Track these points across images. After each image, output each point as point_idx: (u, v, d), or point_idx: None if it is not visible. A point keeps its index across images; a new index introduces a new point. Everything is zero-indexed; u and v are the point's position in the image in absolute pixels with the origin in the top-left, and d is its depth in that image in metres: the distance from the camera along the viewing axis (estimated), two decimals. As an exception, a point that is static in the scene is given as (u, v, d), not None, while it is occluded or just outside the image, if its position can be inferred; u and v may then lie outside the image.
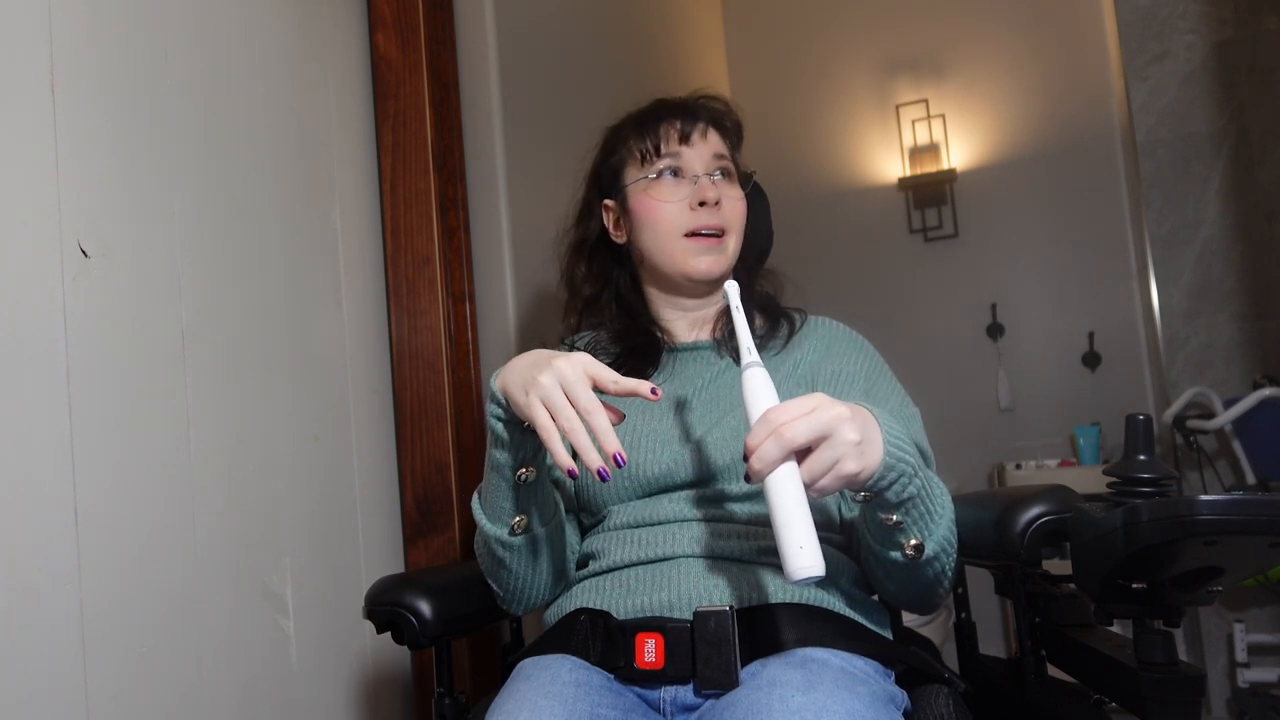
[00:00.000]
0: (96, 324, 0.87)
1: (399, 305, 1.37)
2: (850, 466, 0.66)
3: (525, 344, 1.47)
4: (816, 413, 0.66)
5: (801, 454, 0.67)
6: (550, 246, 1.14)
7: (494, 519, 0.85)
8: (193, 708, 0.94)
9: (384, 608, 0.90)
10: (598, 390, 0.74)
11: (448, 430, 1.33)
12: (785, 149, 3.21)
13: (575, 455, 0.73)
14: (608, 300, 1.07)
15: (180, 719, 0.93)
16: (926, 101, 3.07)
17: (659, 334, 1.04)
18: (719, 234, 0.98)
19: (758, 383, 0.72)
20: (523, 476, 0.81)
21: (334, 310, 1.26)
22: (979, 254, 3.00)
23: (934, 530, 0.75)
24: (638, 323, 1.04)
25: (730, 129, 1.04)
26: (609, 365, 1.00)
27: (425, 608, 0.89)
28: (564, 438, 0.73)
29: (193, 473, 0.97)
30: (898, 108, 3.11)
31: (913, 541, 0.75)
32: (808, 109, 3.24)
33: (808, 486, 0.66)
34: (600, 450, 0.72)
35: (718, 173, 0.99)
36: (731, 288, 0.82)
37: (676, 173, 0.99)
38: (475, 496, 0.89)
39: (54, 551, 0.81)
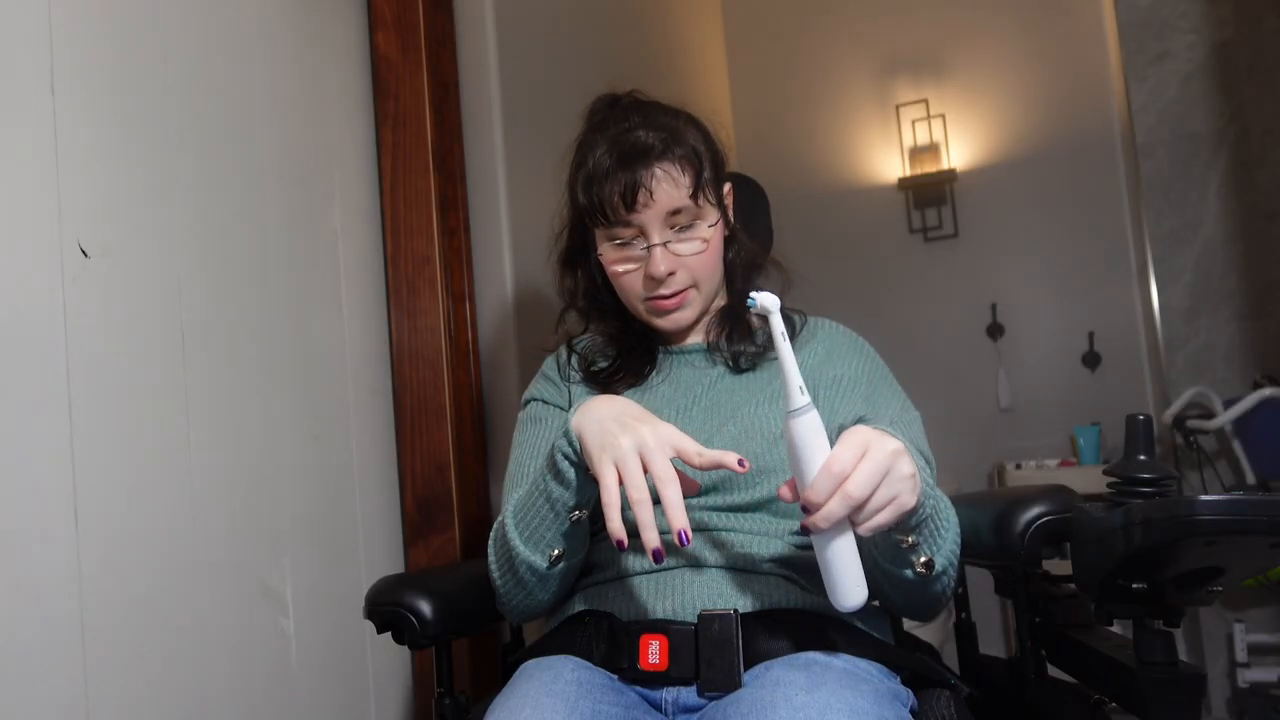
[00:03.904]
0: (96, 324, 0.87)
1: (399, 305, 1.37)
2: (909, 500, 0.66)
3: (525, 344, 1.47)
4: (871, 454, 0.65)
5: None
6: (550, 246, 1.14)
7: (531, 546, 0.81)
8: (193, 707, 0.94)
9: (384, 608, 0.90)
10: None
11: (448, 430, 1.33)
12: (785, 149, 3.21)
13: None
14: (597, 310, 1.05)
15: (180, 719, 0.93)
16: (926, 101, 3.07)
17: (652, 334, 1.02)
18: (678, 294, 0.94)
19: (809, 433, 0.67)
20: (575, 517, 0.79)
21: (334, 310, 1.26)
22: (979, 254, 3.00)
23: (942, 545, 0.75)
24: (630, 325, 1.03)
25: (684, 157, 0.90)
26: (606, 368, 1.00)
27: (425, 608, 0.89)
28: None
29: (193, 473, 0.97)
30: (898, 108, 3.11)
31: (923, 559, 0.75)
32: (808, 109, 3.23)
33: (860, 524, 0.66)
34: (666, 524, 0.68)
35: (672, 232, 0.91)
36: (772, 307, 0.68)
37: (629, 240, 0.92)
38: (509, 513, 0.84)
39: (54, 551, 0.81)
